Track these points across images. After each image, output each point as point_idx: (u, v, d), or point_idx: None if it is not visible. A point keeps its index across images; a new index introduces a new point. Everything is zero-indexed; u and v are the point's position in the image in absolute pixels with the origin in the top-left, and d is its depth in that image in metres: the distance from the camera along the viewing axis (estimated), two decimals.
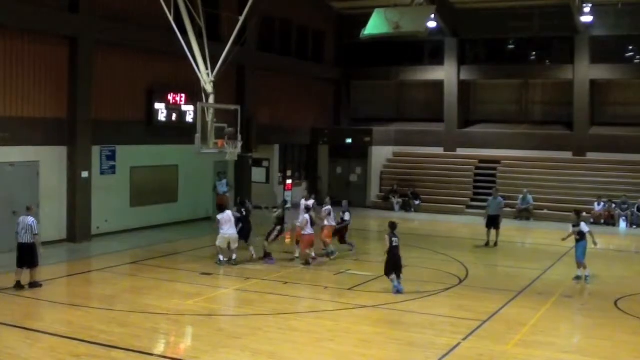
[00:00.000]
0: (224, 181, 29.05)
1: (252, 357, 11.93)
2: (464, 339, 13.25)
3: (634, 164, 33.12)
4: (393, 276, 16.70)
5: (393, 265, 16.76)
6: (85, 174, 23.16)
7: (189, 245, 22.60)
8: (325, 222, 21.32)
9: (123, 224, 24.98)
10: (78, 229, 22.99)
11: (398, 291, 16.52)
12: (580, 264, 18.66)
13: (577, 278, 18.63)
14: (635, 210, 30.66)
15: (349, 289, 17.40)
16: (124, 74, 24.85)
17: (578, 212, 19.46)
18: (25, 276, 16.46)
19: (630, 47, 35.35)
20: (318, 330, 13.79)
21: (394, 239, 16.82)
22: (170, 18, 21.07)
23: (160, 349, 12.99)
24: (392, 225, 17.21)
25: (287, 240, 22.97)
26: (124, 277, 18.72)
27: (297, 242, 20.88)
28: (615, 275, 20.26)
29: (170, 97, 26.33)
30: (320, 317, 14.77)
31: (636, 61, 35.44)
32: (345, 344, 12.89)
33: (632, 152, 33.33)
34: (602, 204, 31.20)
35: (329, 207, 21.56)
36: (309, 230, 20.05)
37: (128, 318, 14.26)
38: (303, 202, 21.71)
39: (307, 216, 20.19)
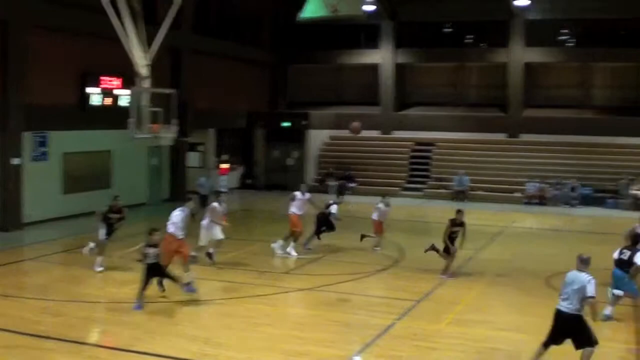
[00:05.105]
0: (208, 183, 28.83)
1: (188, 344, 11.87)
2: (399, 319, 13.45)
3: (566, 145, 33.96)
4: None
5: None
6: (16, 161, 22.64)
7: (124, 232, 22.22)
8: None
9: (56, 212, 24.50)
10: (9, 217, 22.50)
11: None
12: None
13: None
14: (568, 190, 31.41)
15: (285, 273, 17.43)
16: (56, 58, 24.25)
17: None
18: None
19: (564, 31, 36.11)
20: (255, 314, 13.80)
21: None
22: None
23: (94, 338, 12.84)
24: None
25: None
26: (57, 266, 18.39)
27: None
28: (546, 253, 20.76)
29: (104, 81, 25.87)
30: (257, 302, 14.78)
31: (569, 44, 36.22)
32: (282, 328, 12.95)
33: (564, 133, 34.18)
34: (536, 184, 31.91)
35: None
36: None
37: (62, 307, 14.04)
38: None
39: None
